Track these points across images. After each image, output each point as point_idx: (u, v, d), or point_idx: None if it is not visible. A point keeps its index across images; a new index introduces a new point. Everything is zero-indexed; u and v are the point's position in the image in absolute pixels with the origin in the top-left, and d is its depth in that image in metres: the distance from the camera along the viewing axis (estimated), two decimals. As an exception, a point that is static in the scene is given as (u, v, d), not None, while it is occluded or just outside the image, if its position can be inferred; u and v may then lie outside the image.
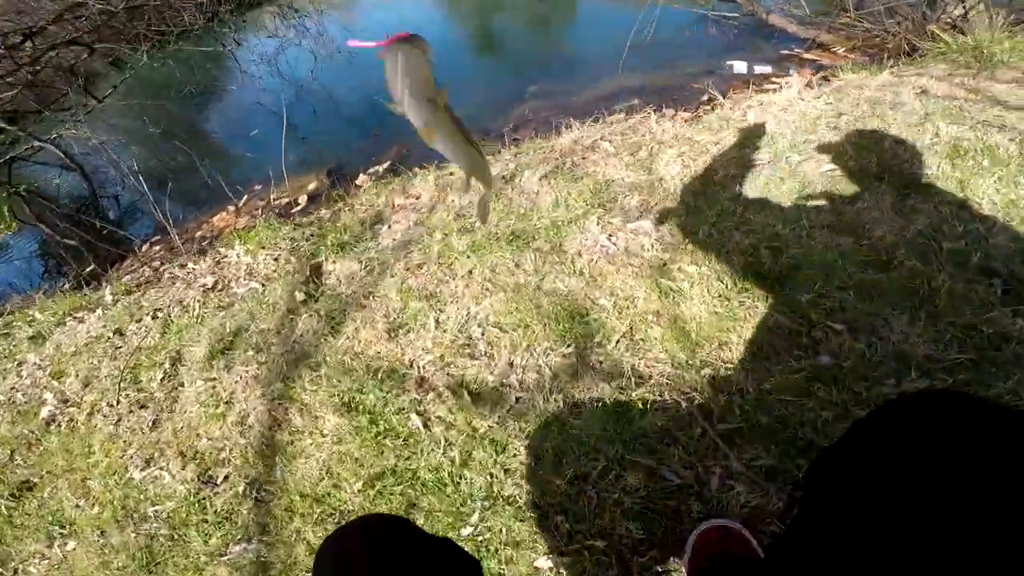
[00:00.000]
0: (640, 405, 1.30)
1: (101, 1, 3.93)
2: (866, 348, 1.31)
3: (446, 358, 1.53)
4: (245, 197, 3.24)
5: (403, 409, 1.44)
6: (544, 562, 1.14)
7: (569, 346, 1.47)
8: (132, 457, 1.55)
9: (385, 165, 3.00)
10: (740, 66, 3.97)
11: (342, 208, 2.43)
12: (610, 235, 1.81)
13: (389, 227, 2.16)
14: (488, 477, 1.26)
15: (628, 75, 4.15)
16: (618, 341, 1.45)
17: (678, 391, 1.31)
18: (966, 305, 1.36)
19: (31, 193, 3.57)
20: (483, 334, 1.58)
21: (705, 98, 3.26)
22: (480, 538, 1.19)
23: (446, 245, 1.92)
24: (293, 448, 1.45)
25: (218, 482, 1.44)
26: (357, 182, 2.66)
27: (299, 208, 2.66)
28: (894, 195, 1.74)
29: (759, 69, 3.77)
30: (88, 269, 2.87)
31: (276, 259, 2.13)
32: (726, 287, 1.52)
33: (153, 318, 2.02)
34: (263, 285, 2.03)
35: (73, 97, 4.14)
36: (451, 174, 2.40)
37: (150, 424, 1.62)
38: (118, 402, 1.71)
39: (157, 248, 3.04)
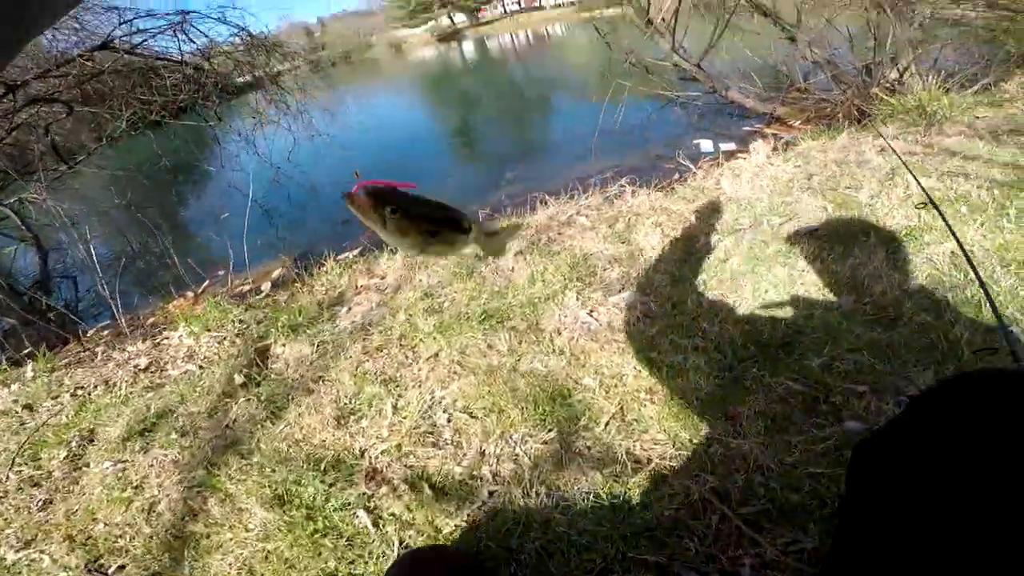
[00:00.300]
0: (640, 494, 1.09)
1: (89, 60, 3.84)
2: (895, 408, 1.15)
3: (404, 447, 1.32)
4: (206, 282, 3.03)
5: (349, 504, 1.20)
6: None
7: (551, 431, 1.27)
8: (9, 537, 1.30)
9: (356, 251, 2.84)
10: (707, 145, 4.10)
11: (299, 289, 2.27)
12: (591, 310, 1.68)
13: (349, 309, 2.01)
14: (455, 591, 1.02)
15: (601, 159, 4.28)
16: (607, 423, 1.27)
17: (685, 474, 1.11)
18: (992, 356, 1.23)
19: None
20: (449, 420, 1.38)
21: (676, 176, 3.29)
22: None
23: (410, 326, 1.77)
24: (208, 542, 1.19)
25: (109, 572, 1.18)
26: (325, 268, 2.52)
27: (261, 296, 2.49)
28: (884, 249, 1.68)
29: (724, 147, 3.88)
30: (24, 352, 2.59)
31: (220, 342, 1.95)
32: (725, 357, 1.37)
33: (72, 395, 1.80)
34: (201, 368, 1.83)
35: (41, 160, 3.96)
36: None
37: (40, 504, 1.38)
38: (7, 478, 1.47)
39: (105, 332, 2.78)
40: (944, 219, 0.83)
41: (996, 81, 3.45)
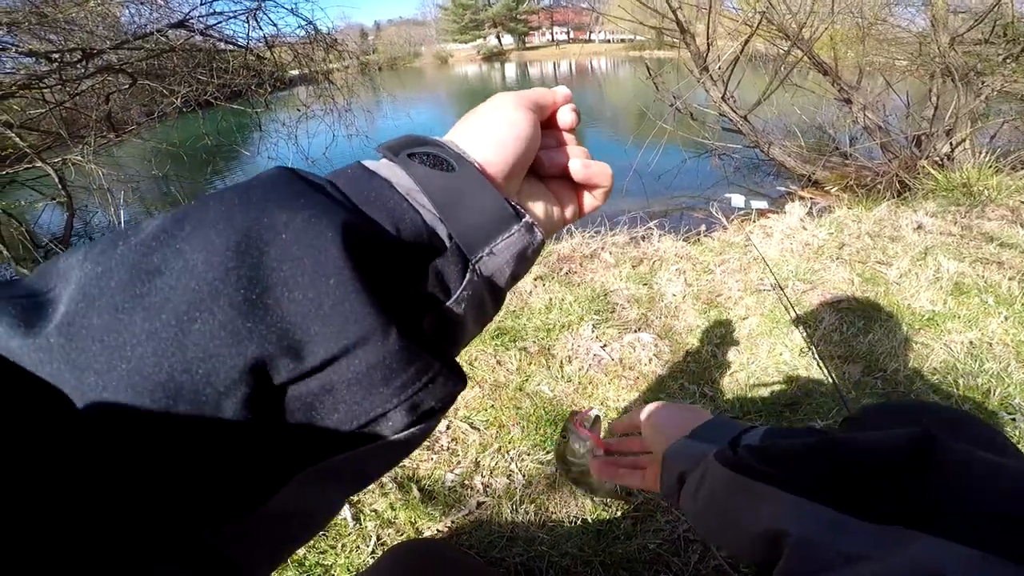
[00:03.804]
0: (627, 525, 1.10)
1: (163, 35, 3.99)
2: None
3: (398, 446, 1.33)
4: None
5: None
6: None
7: (549, 453, 1.28)
8: None
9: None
10: (738, 200, 4.11)
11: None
12: (604, 344, 1.69)
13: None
14: (425, 593, 1.01)
15: (631, 200, 4.27)
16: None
17: (673, 512, 1.12)
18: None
19: (7, 215, 3.39)
20: (448, 427, 1.39)
21: (704, 227, 3.30)
22: None
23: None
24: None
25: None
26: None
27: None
28: (904, 330, 1.67)
29: (756, 204, 3.88)
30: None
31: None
32: (731, 410, 1.38)
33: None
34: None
35: (95, 126, 4.09)
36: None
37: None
38: None
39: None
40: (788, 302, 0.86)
41: (1052, 166, 3.30)
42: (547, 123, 0.36)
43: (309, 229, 0.22)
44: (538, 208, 0.34)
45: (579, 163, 0.35)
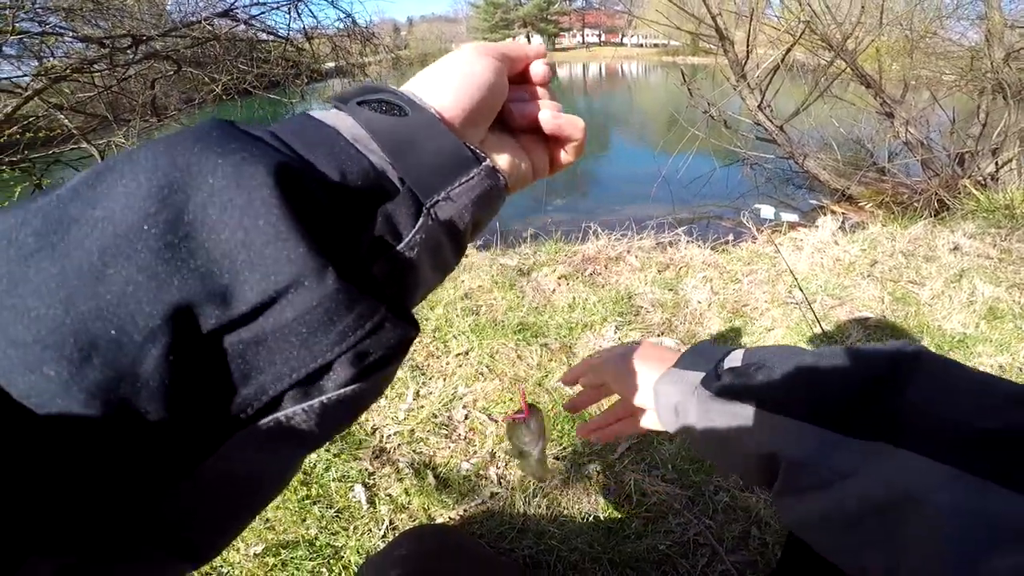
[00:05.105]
0: (638, 525, 1.10)
1: (209, 24, 4.09)
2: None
3: (417, 433, 1.35)
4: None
5: (348, 477, 1.23)
6: None
7: (565, 449, 1.29)
8: None
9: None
10: (768, 211, 4.03)
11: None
12: (628, 346, 1.68)
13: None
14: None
15: (657, 205, 4.24)
16: (622, 454, 1.27)
17: (685, 515, 1.12)
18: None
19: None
20: (467, 417, 1.41)
21: (732, 237, 3.25)
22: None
23: (446, 320, 1.80)
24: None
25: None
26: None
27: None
28: (934, 351, 1.63)
29: (786, 216, 3.80)
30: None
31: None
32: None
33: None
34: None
35: (139, 110, 4.22)
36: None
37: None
38: None
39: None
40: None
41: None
42: (520, 78, 0.36)
43: (239, 171, 0.21)
44: (503, 159, 0.33)
45: (548, 113, 0.34)
